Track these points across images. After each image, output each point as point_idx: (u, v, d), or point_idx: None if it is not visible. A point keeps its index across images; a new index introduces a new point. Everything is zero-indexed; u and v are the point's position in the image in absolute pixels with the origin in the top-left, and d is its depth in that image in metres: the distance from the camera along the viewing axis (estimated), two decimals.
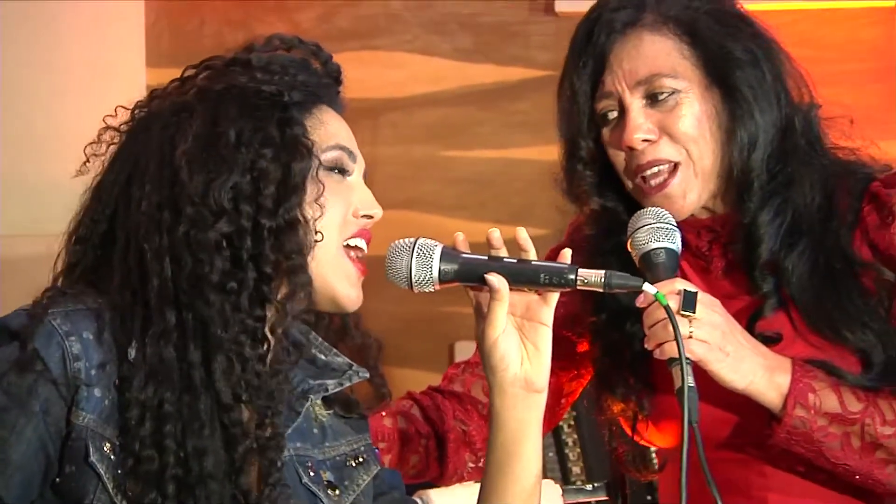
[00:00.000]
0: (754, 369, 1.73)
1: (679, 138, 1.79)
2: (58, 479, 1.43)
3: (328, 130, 1.58)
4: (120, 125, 1.56)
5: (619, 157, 1.81)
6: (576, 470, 3.49)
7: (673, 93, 1.79)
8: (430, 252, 1.51)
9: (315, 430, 1.61)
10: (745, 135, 1.79)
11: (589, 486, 3.38)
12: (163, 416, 1.44)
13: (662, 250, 1.75)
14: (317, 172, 1.54)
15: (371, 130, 4.30)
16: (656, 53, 1.82)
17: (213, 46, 4.08)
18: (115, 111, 1.57)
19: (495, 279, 1.51)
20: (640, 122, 1.79)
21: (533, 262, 1.51)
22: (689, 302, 1.68)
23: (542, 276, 1.50)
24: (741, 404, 1.74)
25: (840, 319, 1.78)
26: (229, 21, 4.21)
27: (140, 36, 3.96)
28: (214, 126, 1.50)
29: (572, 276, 1.50)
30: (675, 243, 1.76)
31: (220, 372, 1.45)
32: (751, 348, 1.73)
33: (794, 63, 1.87)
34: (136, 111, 1.58)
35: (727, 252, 1.84)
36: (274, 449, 1.47)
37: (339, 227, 1.56)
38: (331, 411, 1.63)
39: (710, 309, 1.71)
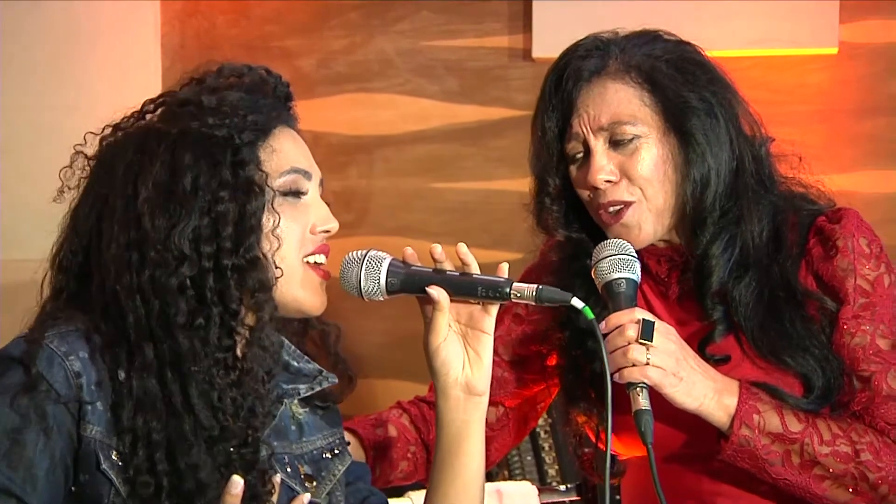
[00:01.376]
0: (705, 392, 1.72)
1: (636, 181, 1.81)
2: (73, 489, 1.43)
3: (280, 157, 1.54)
4: (90, 156, 1.54)
5: (584, 194, 1.82)
6: (551, 472, 3.49)
7: (633, 138, 1.80)
8: (378, 265, 1.51)
9: (293, 428, 1.61)
10: (698, 176, 1.79)
11: (563, 487, 3.38)
12: (153, 444, 1.43)
13: (623, 280, 1.74)
14: (272, 203, 1.51)
15: (366, 165, 4.33)
16: (619, 101, 1.81)
17: None
18: (84, 138, 1.55)
19: (435, 291, 1.50)
20: (603, 164, 1.80)
21: (474, 276, 1.51)
22: (647, 331, 1.68)
23: (479, 288, 1.50)
24: (692, 421, 1.74)
25: (782, 345, 1.79)
26: None
27: (157, 79, 3.98)
28: (172, 173, 1.47)
29: (507, 290, 1.49)
30: (635, 273, 1.76)
31: (196, 398, 1.44)
32: (702, 373, 1.73)
33: (747, 104, 1.86)
34: (104, 141, 1.55)
35: (683, 280, 1.85)
36: (260, 462, 1.46)
37: (298, 245, 1.54)
38: (307, 409, 1.62)
39: (665, 337, 1.71)
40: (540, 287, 1.50)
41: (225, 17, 4.33)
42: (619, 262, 1.75)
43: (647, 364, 1.69)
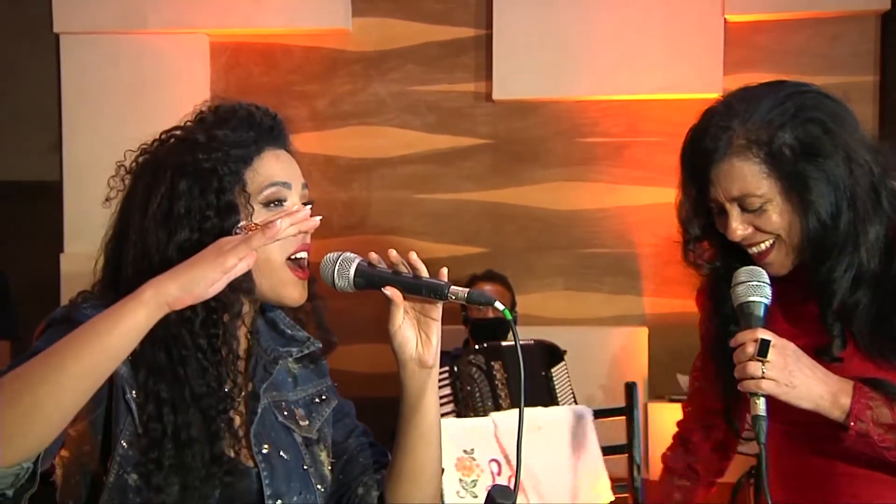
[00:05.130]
0: (821, 394, 1.62)
1: (769, 232, 1.68)
2: (107, 410, 1.42)
3: (262, 176, 1.46)
4: (128, 169, 1.50)
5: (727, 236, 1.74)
6: (504, 406, 3.48)
7: (760, 205, 1.66)
8: (348, 266, 1.47)
9: (289, 380, 1.58)
10: (818, 223, 1.65)
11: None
12: (161, 400, 1.41)
13: (752, 303, 1.63)
14: (252, 217, 1.45)
15: (366, 181, 4.37)
16: (744, 176, 1.65)
17: None
18: (125, 155, 1.52)
19: (389, 291, 1.46)
20: (737, 226, 1.67)
21: (423, 279, 1.46)
22: (763, 349, 1.58)
23: (423, 289, 1.46)
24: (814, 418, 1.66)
25: (890, 345, 1.66)
26: (269, 106, 4.22)
27: None
28: (171, 197, 1.43)
29: (445, 291, 1.45)
30: (765, 297, 1.64)
31: (190, 372, 1.42)
32: (817, 378, 1.62)
33: (861, 129, 1.69)
34: (137, 159, 1.50)
35: (803, 290, 1.72)
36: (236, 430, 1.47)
37: (280, 247, 1.45)
38: (299, 365, 1.60)
39: (780, 353, 1.60)
40: (470, 290, 1.47)
41: (258, 69, 4.37)
42: (750, 288, 1.63)
43: (763, 377, 1.58)
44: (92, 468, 1.42)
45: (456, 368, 3.47)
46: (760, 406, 1.58)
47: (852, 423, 1.61)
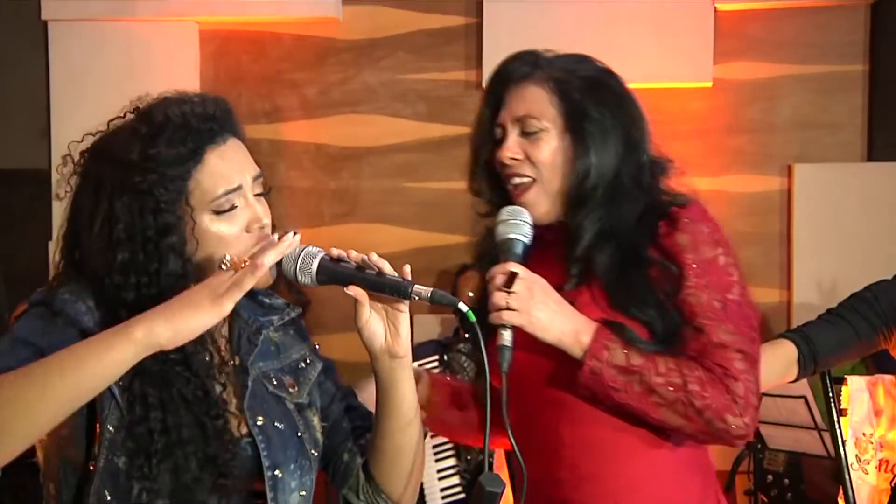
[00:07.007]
0: (563, 329, 1.67)
1: (536, 162, 1.75)
2: None
3: (208, 185, 1.42)
4: (74, 169, 1.46)
5: (499, 167, 1.80)
6: None
7: (538, 130, 1.74)
8: (311, 262, 1.45)
9: (272, 349, 1.57)
10: (581, 168, 1.73)
11: None
12: (147, 404, 1.40)
13: (509, 240, 1.69)
14: (192, 230, 1.42)
15: (356, 169, 4.37)
16: (532, 100, 1.76)
17: (248, 112, 4.12)
18: (68, 147, 1.46)
19: (353, 292, 1.45)
20: (511, 145, 1.75)
21: (386, 277, 1.45)
22: (509, 280, 1.64)
23: (387, 287, 1.45)
24: (556, 354, 1.70)
25: (628, 298, 1.72)
26: (259, 94, 4.26)
27: None
28: (110, 219, 1.40)
29: (409, 290, 1.43)
30: (522, 235, 1.70)
31: (175, 379, 1.41)
32: (563, 314, 1.68)
33: (647, 127, 1.77)
34: (84, 154, 1.46)
35: (564, 241, 1.78)
36: (223, 428, 1.45)
37: (234, 244, 1.43)
38: (280, 332, 1.60)
39: (525, 285, 1.65)
40: (432, 290, 1.46)
41: (248, 56, 4.36)
42: (510, 226, 1.70)
43: (507, 308, 1.63)
44: (70, 454, 1.41)
45: (445, 357, 3.49)
46: (506, 336, 1.62)
47: (587, 360, 1.65)
